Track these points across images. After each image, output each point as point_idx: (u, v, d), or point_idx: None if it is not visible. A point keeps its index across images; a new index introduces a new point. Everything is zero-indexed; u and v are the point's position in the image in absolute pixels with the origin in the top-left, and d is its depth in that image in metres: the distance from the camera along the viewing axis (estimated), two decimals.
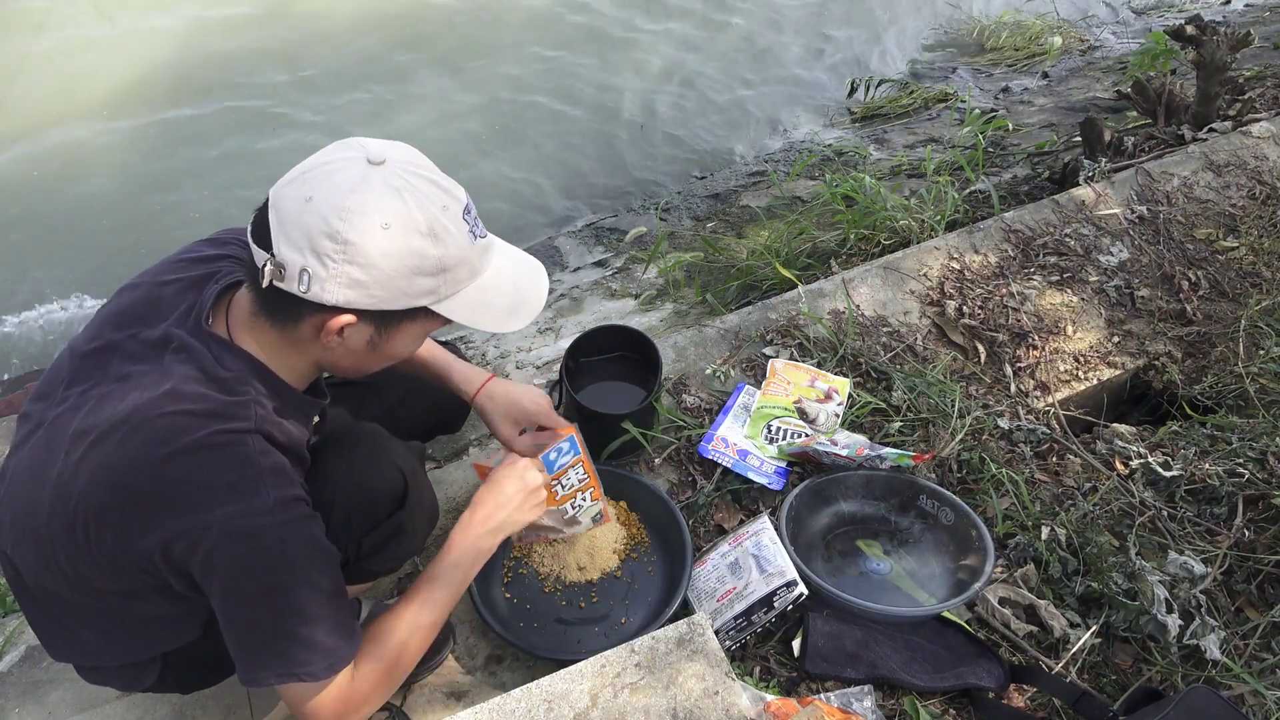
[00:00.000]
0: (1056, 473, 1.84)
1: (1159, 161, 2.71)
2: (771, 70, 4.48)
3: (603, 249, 3.33)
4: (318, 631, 0.99)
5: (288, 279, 0.93)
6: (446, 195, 0.98)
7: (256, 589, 0.97)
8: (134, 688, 1.24)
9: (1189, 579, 1.54)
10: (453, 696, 1.44)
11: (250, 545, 0.95)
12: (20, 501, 1.04)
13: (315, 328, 0.98)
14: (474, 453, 1.89)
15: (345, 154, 0.96)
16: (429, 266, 0.97)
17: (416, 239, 0.95)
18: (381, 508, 1.23)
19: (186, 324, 1.03)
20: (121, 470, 0.95)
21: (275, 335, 1.02)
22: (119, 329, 1.06)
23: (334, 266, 0.92)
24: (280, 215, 0.93)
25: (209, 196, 3.44)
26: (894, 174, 3.33)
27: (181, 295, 1.07)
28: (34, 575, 1.06)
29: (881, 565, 1.59)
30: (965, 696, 1.42)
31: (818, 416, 1.83)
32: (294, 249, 0.92)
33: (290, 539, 0.98)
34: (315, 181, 0.93)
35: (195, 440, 0.94)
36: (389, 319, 1.00)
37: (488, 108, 3.99)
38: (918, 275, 2.27)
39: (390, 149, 0.97)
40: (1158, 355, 2.17)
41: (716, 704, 1.15)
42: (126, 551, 0.97)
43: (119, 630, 1.12)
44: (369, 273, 0.93)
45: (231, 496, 0.94)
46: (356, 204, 0.92)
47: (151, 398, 0.96)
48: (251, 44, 4.07)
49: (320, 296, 0.93)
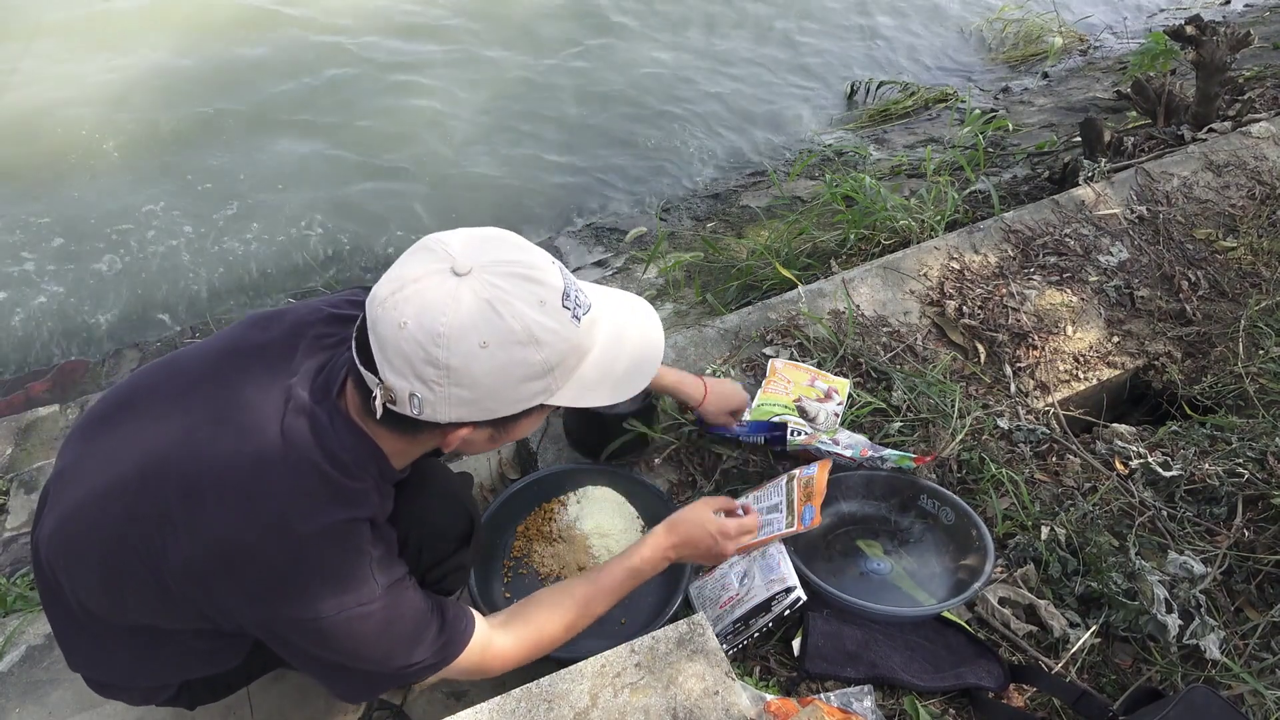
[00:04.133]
0: (1056, 473, 1.84)
1: (1159, 161, 2.71)
2: (772, 71, 4.48)
3: (603, 249, 3.33)
4: (426, 656, 1.06)
5: (399, 404, 0.92)
6: (541, 288, 0.93)
7: (359, 659, 1.02)
8: (145, 704, 1.24)
9: (1189, 579, 1.54)
10: (453, 696, 1.45)
11: (354, 629, 0.98)
12: (91, 523, 0.99)
13: (434, 437, 0.99)
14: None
15: (430, 266, 0.91)
16: (535, 372, 0.94)
17: (518, 350, 0.91)
18: (448, 546, 1.26)
19: (314, 387, 1.01)
20: (238, 543, 0.93)
21: (395, 435, 1.00)
22: (241, 365, 1.03)
23: (440, 390, 0.91)
24: (380, 341, 0.91)
25: (209, 197, 3.44)
26: (894, 174, 3.33)
27: (314, 353, 1.05)
28: (80, 595, 1.04)
29: (882, 565, 1.59)
30: (965, 696, 1.42)
31: (818, 416, 1.83)
32: (399, 376, 0.90)
33: (395, 619, 1.01)
34: (406, 305, 0.89)
35: (318, 529, 0.94)
36: (506, 420, 0.99)
37: (487, 107, 3.99)
38: (918, 275, 2.27)
39: (476, 251, 0.93)
40: (1157, 355, 2.17)
41: (716, 704, 1.15)
42: (218, 612, 0.98)
43: (155, 656, 1.11)
44: (475, 391, 0.92)
45: (344, 590, 0.96)
46: (450, 328, 0.88)
47: (272, 464, 0.95)
48: (251, 45, 4.07)
49: (434, 417, 0.93)
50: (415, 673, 1.07)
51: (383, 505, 1.04)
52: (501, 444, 1.08)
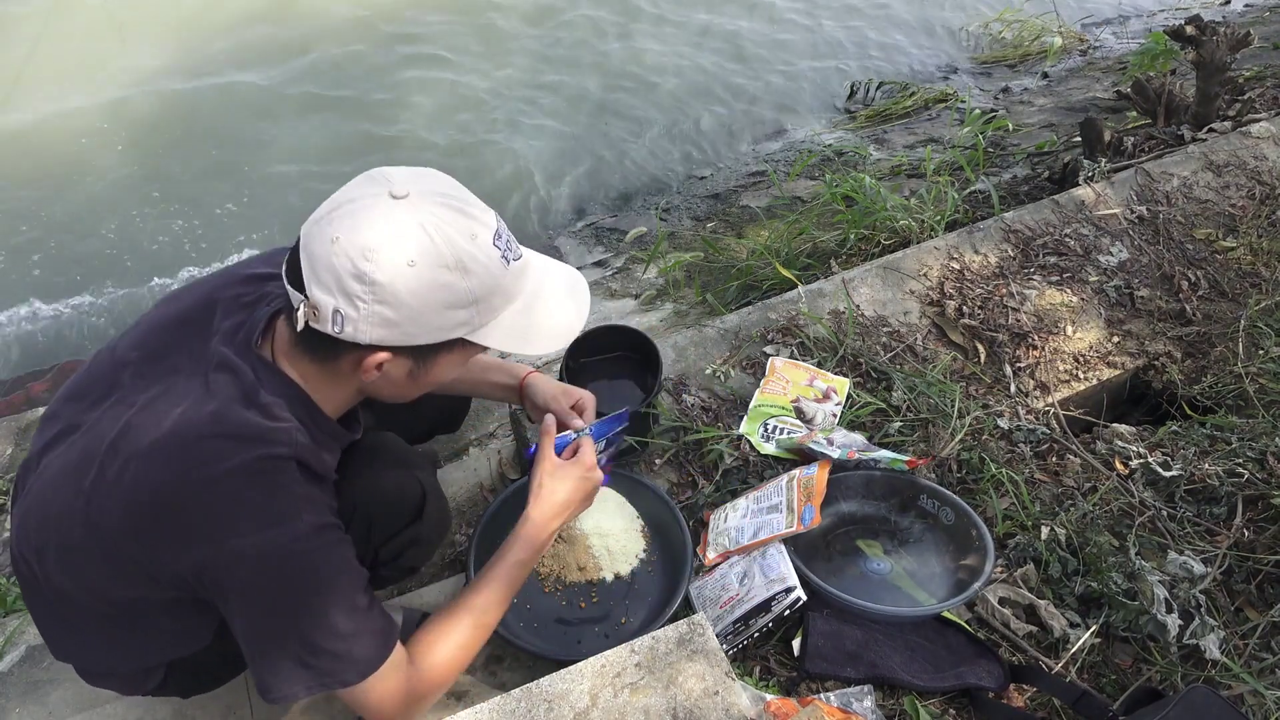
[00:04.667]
0: (1056, 473, 1.84)
1: (1159, 161, 2.71)
2: (772, 71, 4.48)
3: (603, 249, 3.33)
4: (352, 645, 1.00)
5: (322, 320, 0.94)
6: (474, 223, 0.97)
7: (289, 610, 0.98)
8: (136, 692, 1.24)
9: (1189, 579, 1.54)
10: (453, 696, 1.45)
11: (284, 569, 0.96)
12: (49, 506, 1.03)
13: (353, 364, 0.99)
14: (474, 453, 1.89)
15: (369, 189, 0.95)
16: (460, 299, 0.96)
17: (444, 273, 0.94)
18: (400, 519, 1.24)
19: (234, 343, 1.03)
20: (162, 490, 0.95)
21: (315, 368, 1.02)
22: (165, 339, 1.06)
23: (364, 307, 0.92)
24: (310, 257, 0.93)
25: (205, 199, 3.44)
26: (894, 174, 3.33)
27: (234, 312, 1.07)
28: (52, 579, 1.06)
29: (882, 565, 1.59)
30: (965, 696, 1.42)
31: (815, 416, 1.83)
32: (325, 291, 0.92)
33: (323, 564, 0.99)
34: (340, 221, 0.92)
35: (236, 465, 0.94)
36: (425, 352, 1.00)
37: (486, 106, 3.99)
38: (918, 275, 2.27)
39: (415, 180, 0.96)
40: (1157, 355, 2.17)
41: (716, 704, 1.15)
42: (158, 569, 0.98)
43: (129, 637, 1.12)
44: (399, 311, 0.93)
45: (268, 524, 0.95)
46: (380, 243, 0.91)
47: (195, 418, 0.96)
48: (252, 39, 4.07)
49: (354, 337, 0.94)
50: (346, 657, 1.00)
51: (316, 452, 1.03)
52: (421, 387, 1.06)
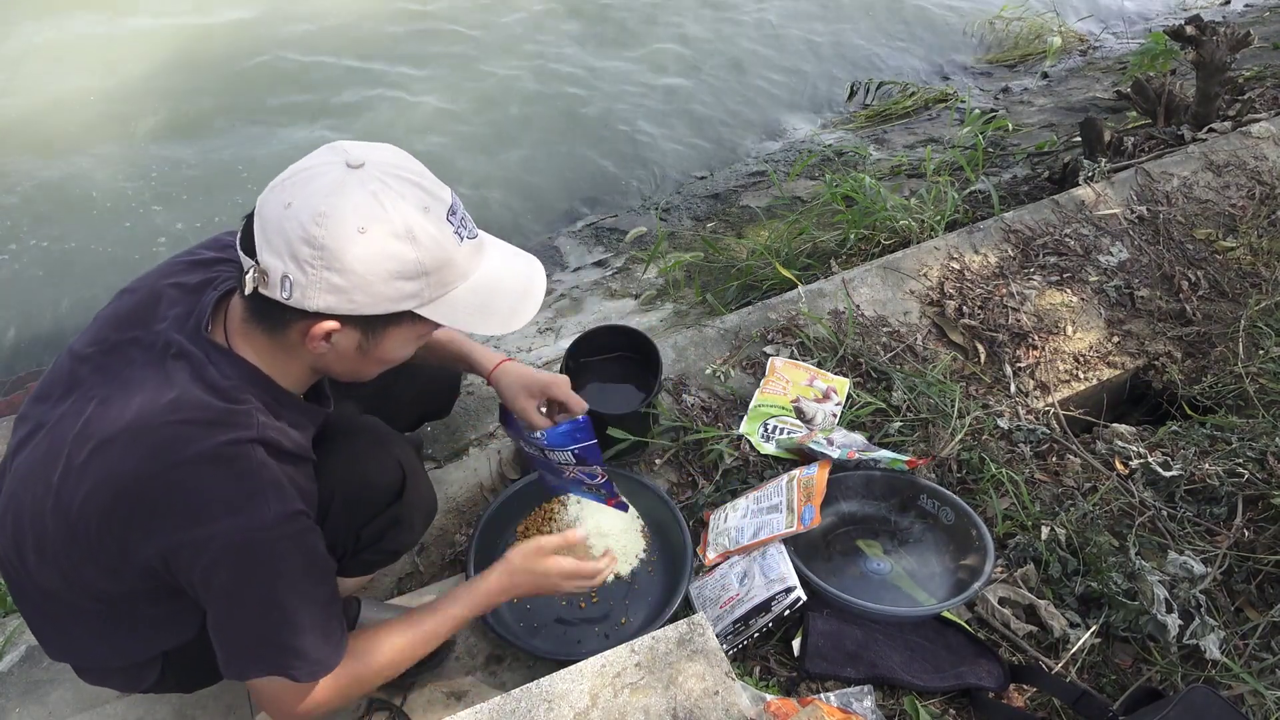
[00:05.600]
0: (1056, 473, 1.84)
1: (1159, 161, 2.71)
2: (772, 71, 4.47)
3: (603, 249, 3.33)
4: (307, 640, 1.01)
5: (270, 286, 0.93)
6: (428, 196, 0.97)
7: (253, 600, 0.98)
8: (134, 688, 1.24)
9: (1189, 579, 1.54)
10: (453, 696, 1.45)
11: (250, 558, 0.96)
12: (21, 504, 1.04)
13: (302, 334, 0.98)
14: (474, 453, 1.89)
15: (326, 158, 0.95)
16: (408, 270, 0.95)
17: (394, 242, 0.93)
18: (380, 500, 1.24)
19: (185, 329, 1.03)
20: (126, 479, 0.95)
21: (268, 342, 1.02)
22: (119, 332, 1.06)
23: (313, 273, 0.92)
24: (263, 222, 0.93)
25: (203, 198, 3.44)
26: (894, 174, 3.33)
27: (181, 299, 1.07)
28: (33, 577, 1.07)
29: (882, 565, 1.59)
30: (965, 696, 1.42)
31: (815, 416, 1.83)
32: (275, 256, 0.92)
33: (288, 553, 0.98)
34: (295, 187, 0.93)
35: (199, 451, 0.94)
36: (374, 323, 0.99)
37: (486, 107, 3.99)
38: (918, 275, 2.27)
39: (372, 152, 0.96)
40: (1158, 355, 2.17)
41: (716, 704, 1.15)
42: (127, 557, 0.98)
43: (116, 630, 1.12)
44: (347, 278, 0.92)
45: (233, 510, 0.95)
46: (332, 209, 0.91)
47: (154, 406, 0.97)
48: (247, 47, 4.07)
49: (302, 303, 0.93)
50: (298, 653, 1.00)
51: (283, 430, 1.03)
52: (372, 363, 1.06)
